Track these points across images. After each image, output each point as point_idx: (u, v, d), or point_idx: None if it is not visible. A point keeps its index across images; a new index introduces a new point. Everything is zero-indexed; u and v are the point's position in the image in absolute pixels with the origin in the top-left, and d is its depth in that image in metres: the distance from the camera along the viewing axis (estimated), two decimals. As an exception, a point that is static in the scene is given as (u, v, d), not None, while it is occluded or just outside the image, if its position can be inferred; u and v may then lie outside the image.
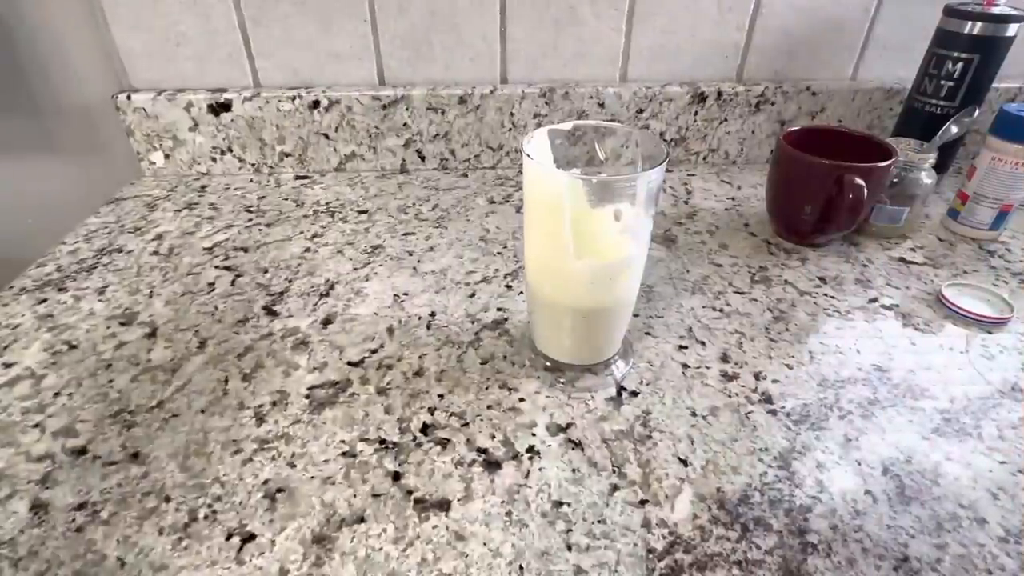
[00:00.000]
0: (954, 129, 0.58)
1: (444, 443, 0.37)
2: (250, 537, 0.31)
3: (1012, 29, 0.58)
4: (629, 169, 0.39)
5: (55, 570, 0.30)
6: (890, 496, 0.34)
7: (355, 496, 0.34)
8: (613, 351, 0.42)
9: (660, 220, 0.63)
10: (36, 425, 0.38)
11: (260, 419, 0.38)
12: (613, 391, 0.41)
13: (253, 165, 0.71)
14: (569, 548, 0.31)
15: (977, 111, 0.58)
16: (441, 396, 0.40)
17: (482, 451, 0.36)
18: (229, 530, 0.32)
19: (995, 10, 0.58)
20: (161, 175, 0.71)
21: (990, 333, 0.47)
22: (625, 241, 0.36)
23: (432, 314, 0.48)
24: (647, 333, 0.46)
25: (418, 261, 0.55)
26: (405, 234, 0.59)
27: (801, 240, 0.58)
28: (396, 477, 0.35)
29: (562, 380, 0.41)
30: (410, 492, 0.34)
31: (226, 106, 0.66)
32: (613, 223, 0.35)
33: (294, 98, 0.66)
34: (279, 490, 0.34)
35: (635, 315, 0.47)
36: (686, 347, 0.45)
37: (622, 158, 0.39)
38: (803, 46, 0.71)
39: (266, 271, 0.53)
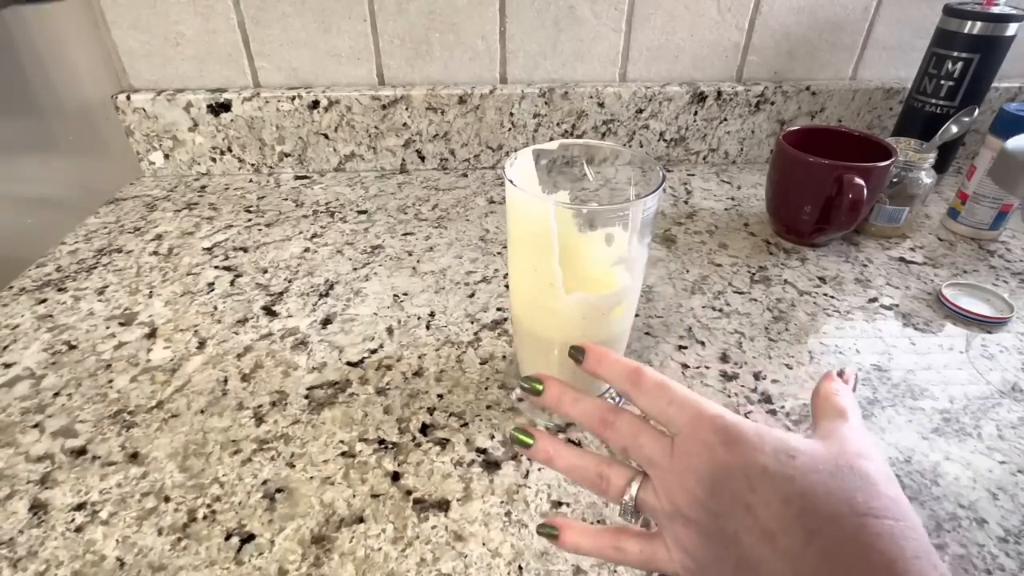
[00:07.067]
0: (954, 129, 0.57)
1: (443, 443, 0.37)
2: (249, 537, 0.31)
3: (1012, 29, 0.58)
4: (621, 188, 0.36)
5: (54, 570, 0.30)
6: (889, 496, 0.34)
7: (354, 496, 0.34)
8: (606, 386, 0.40)
9: (660, 220, 0.63)
10: (35, 425, 0.38)
11: (259, 419, 0.38)
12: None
13: (253, 165, 0.71)
14: (568, 548, 0.31)
15: (977, 111, 0.58)
16: (440, 396, 0.40)
17: (481, 451, 0.36)
18: (228, 530, 0.32)
19: (995, 10, 0.58)
20: (161, 175, 0.71)
21: (990, 333, 0.47)
22: (618, 272, 0.33)
23: (431, 314, 0.48)
24: (646, 333, 0.46)
25: (417, 261, 0.55)
26: (405, 234, 0.59)
27: (801, 240, 0.58)
28: (395, 477, 0.35)
29: None
30: (409, 492, 0.34)
31: (226, 106, 0.66)
32: (605, 250, 0.32)
33: (294, 98, 0.66)
34: (278, 490, 0.34)
35: (635, 315, 0.47)
36: (686, 347, 0.45)
37: (612, 180, 0.36)
38: (803, 46, 0.71)
39: (265, 271, 0.53)
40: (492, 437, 0.37)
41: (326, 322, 0.47)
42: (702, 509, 0.23)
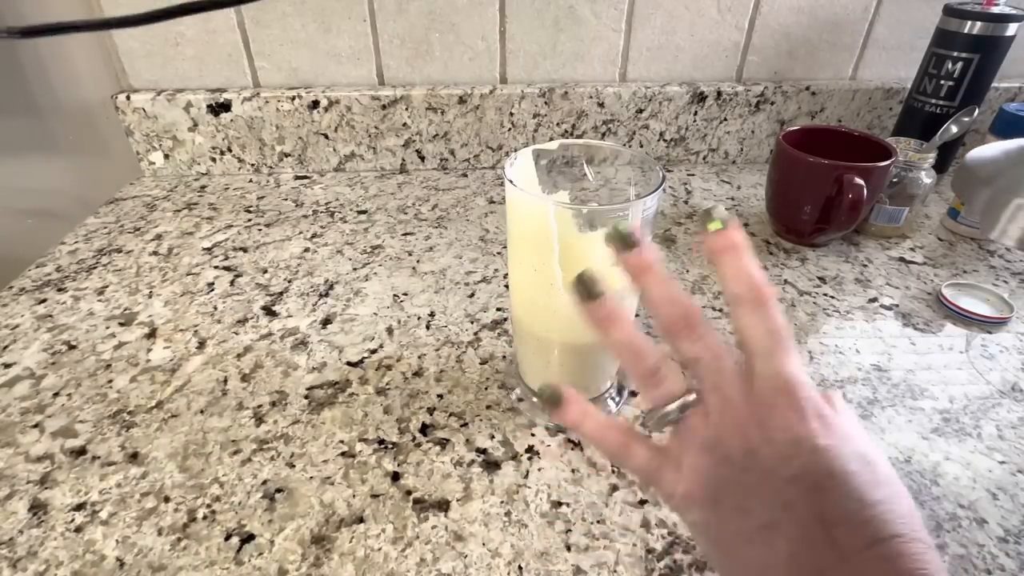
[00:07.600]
0: (954, 129, 0.57)
1: (443, 443, 0.37)
2: (249, 537, 0.31)
3: (1012, 29, 0.58)
4: (621, 188, 0.36)
5: (54, 570, 0.30)
6: (889, 496, 0.34)
7: (354, 496, 0.34)
8: (606, 387, 0.40)
9: (660, 220, 0.63)
10: (35, 425, 0.38)
11: (259, 419, 0.38)
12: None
13: (252, 165, 0.71)
14: (568, 548, 0.31)
15: (977, 111, 0.58)
16: (440, 396, 0.40)
17: (481, 451, 0.36)
18: (228, 530, 0.32)
19: (995, 10, 0.58)
20: (161, 175, 0.71)
21: (990, 333, 0.47)
22: (619, 271, 0.32)
23: (431, 314, 0.48)
24: (647, 333, 0.46)
25: (417, 261, 0.55)
26: (404, 234, 0.59)
27: (801, 240, 0.58)
28: (395, 477, 0.35)
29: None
30: (409, 492, 0.34)
31: (225, 106, 0.66)
32: (605, 250, 0.31)
33: (293, 98, 0.66)
34: (278, 490, 0.34)
35: (635, 315, 0.47)
36: (685, 347, 0.45)
37: (612, 180, 0.36)
38: (803, 46, 0.71)
39: (265, 271, 0.53)
40: (492, 437, 0.37)
41: (326, 322, 0.47)
42: (748, 465, 0.21)
